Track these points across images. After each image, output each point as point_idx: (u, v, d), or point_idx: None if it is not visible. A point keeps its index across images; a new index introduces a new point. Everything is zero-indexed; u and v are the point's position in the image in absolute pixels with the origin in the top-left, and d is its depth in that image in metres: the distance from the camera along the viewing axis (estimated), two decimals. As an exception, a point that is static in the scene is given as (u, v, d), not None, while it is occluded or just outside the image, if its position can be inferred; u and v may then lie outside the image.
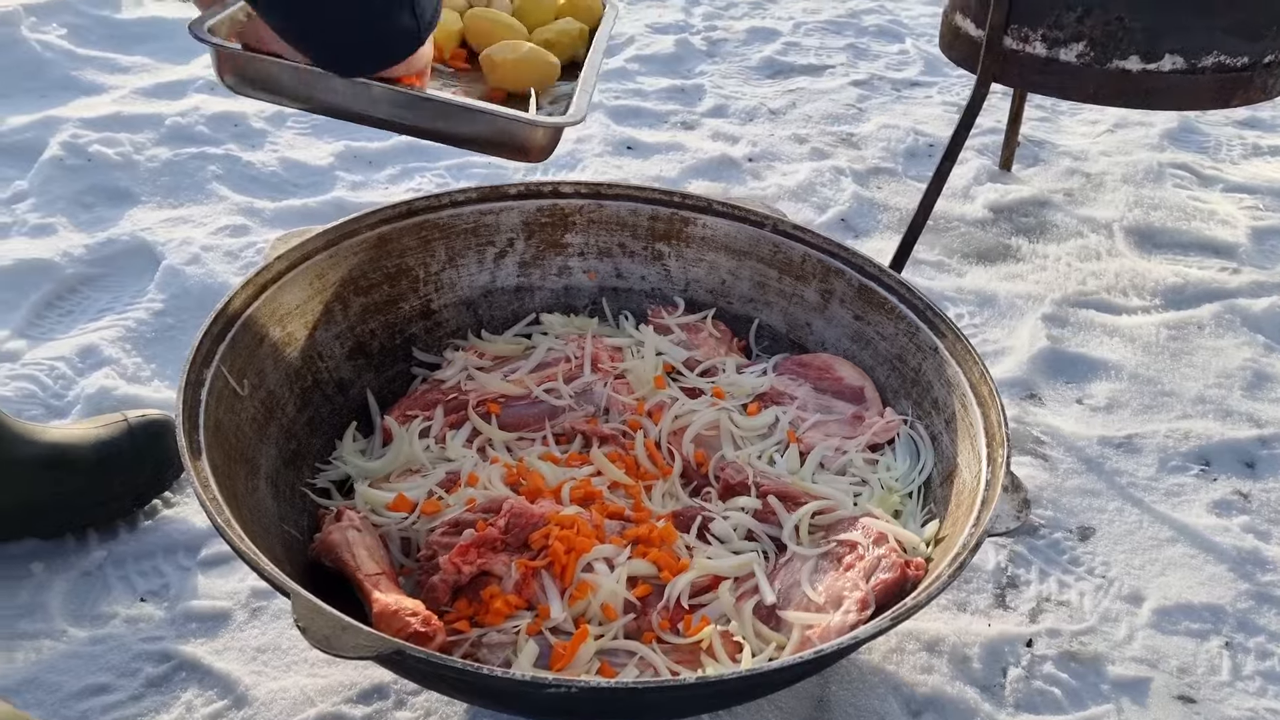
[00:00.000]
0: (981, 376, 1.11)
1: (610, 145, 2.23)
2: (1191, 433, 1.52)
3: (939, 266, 1.89)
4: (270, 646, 1.12)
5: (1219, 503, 1.41)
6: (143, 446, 1.26)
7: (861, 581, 0.98)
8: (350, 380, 1.24)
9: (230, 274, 1.68)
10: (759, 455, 1.19)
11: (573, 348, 1.30)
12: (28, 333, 1.55)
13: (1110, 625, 1.22)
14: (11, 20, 2.35)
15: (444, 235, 1.32)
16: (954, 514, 1.05)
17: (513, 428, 1.21)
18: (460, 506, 1.05)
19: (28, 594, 1.16)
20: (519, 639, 0.94)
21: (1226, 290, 1.84)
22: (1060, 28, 1.56)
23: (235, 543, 0.84)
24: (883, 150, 2.30)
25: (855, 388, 1.26)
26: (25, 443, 1.20)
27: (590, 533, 1.02)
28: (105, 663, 1.09)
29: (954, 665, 1.15)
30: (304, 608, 0.78)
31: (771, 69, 2.72)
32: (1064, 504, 1.39)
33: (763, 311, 1.37)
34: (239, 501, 0.96)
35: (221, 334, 1.06)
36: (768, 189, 2.10)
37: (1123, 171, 2.24)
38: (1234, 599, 1.26)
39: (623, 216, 1.38)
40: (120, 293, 1.66)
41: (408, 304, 1.31)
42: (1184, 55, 1.53)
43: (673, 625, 0.99)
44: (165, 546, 1.23)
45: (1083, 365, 1.65)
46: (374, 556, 0.98)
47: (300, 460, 1.14)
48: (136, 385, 1.45)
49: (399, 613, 0.88)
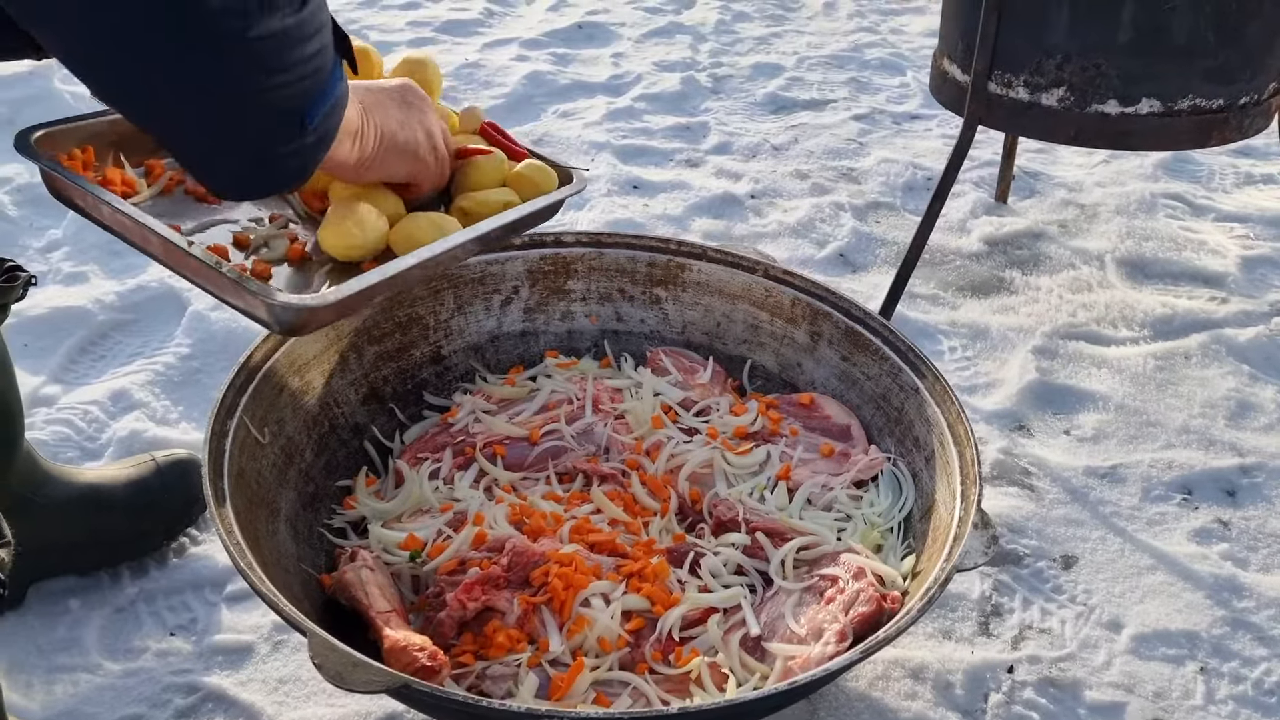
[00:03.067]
0: (958, 416, 1.18)
1: (617, 185, 2.31)
2: (1175, 462, 1.57)
3: (933, 300, 1.96)
4: (291, 678, 1.19)
5: (1199, 531, 1.46)
6: (171, 484, 1.34)
7: (841, 614, 1.04)
8: (364, 425, 1.32)
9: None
10: (750, 492, 1.25)
11: (575, 389, 1.37)
12: (62, 378, 1.64)
13: (1089, 651, 1.28)
14: (45, 73, 2.46)
15: (452, 284, 1.40)
16: (930, 549, 1.11)
17: (517, 468, 1.29)
18: (466, 544, 1.12)
19: (65, 629, 1.24)
20: (520, 671, 1.01)
21: (1214, 320, 1.90)
22: (1041, 74, 1.62)
23: (256, 585, 0.91)
24: (882, 184, 2.37)
25: (842, 426, 1.33)
26: (63, 484, 1.28)
27: (587, 570, 1.09)
28: (138, 694, 1.17)
29: (937, 691, 1.21)
30: (319, 645, 0.85)
31: (775, 105, 2.80)
32: (1048, 533, 1.44)
33: (756, 352, 1.44)
34: (260, 543, 1.03)
35: (244, 385, 1.14)
36: (769, 226, 2.18)
37: (1116, 202, 2.30)
38: (1210, 625, 1.32)
39: (622, 263, 1.46)
40: (149, 338, 1.75)
41: (418, 350, 1.39)
42: (1160, 99, 1.60)
43: (664, 657, 1.06)
44: (193, 583, 1.31)
45: (1071, 397, 1.71)
46: (385, 594, 1.06)
47: (318, 502, 1.22)
48: (165, 427, 1.53)
49: (408, 648, 0.95)
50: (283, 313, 0.93)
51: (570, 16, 3.30)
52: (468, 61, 2.91)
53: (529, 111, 2.67)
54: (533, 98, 2.74)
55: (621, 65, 2.97)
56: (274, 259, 1.07)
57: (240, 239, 1.09)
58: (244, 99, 0.76)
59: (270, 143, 0.81)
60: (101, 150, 1.10)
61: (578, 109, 2.69)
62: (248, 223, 1.12)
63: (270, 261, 1.06)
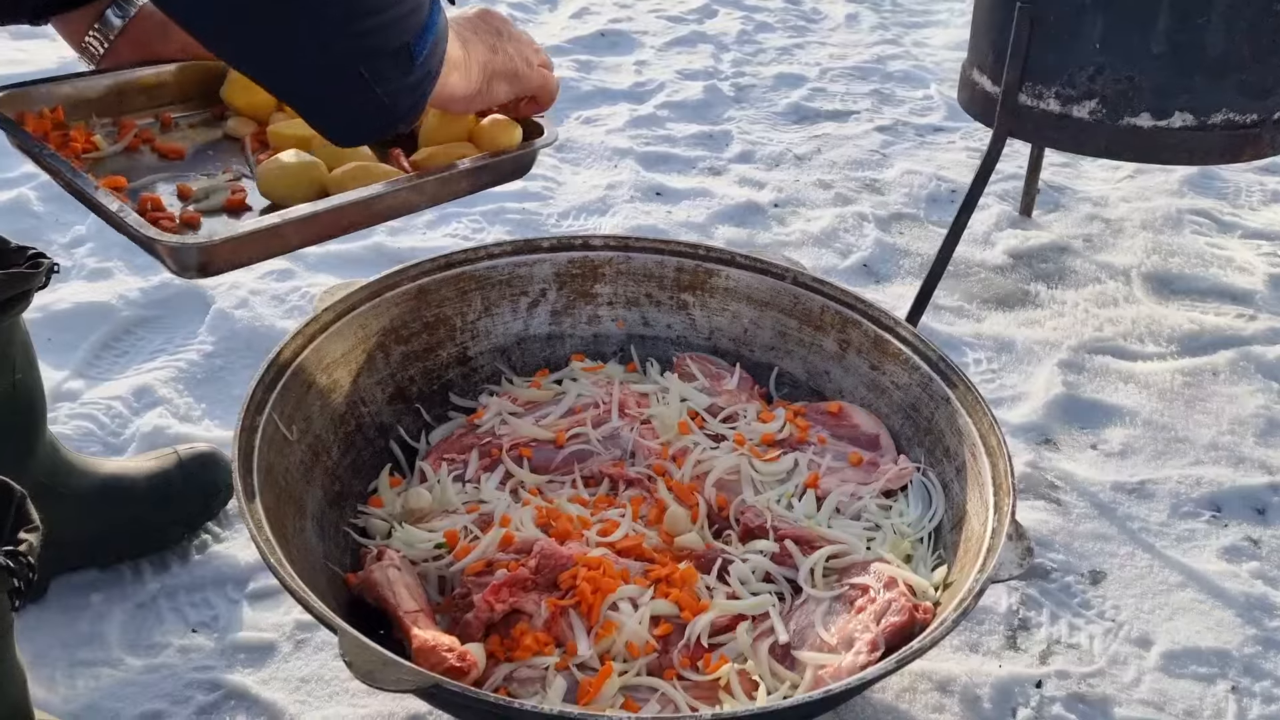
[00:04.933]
0: (991, 427, 1.17)
1: (640, 191, 2.30)
2: (1204, 479, 1.55)
3: (958, 312, 1.95)
4: (314, 677, 1.19)
5: (1229, 549, 1.44)
6: (192, 477, 1.34)
7: (872, 624, 1.03)
8: (390, 424, 1.31)
9: (276, 317, 1.77)
10: (777, 499, 1.24)
11: (601, 393, 1.36)
12: (86, 373, 1.64)
13: (1119, 668, 1.26)
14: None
15: (480, 286, 1.39)
16: (962, 560, 1.10)
17: (543, 471, 1.28)
18: (493, 546, 1.12)
19: (87, 624, 1.23)
20: (548, 674, 1.00)
21: (1242, 337, 1.88)
22: (1073, 86, 1.62)
23: (287, 581, 0.91)
24: (905, 196, 2.36)
25: (871, 435, 1.32)
26: (84, 475, 1.28)
27: (616, 574, 1.08)
28: (159, 690, 1.16)
29: (965, 705, 1.20)
30: (350, 644, 0.85)
31: (797, 115, 2.79)
32: (1076, 548, 1.43)
33: (783, 360, 1.43)
34: (288, 541, 1.03)
35: (273, 382, 1.14)
36: (792, 235, 2.17)
37: (1142, 218, 2.29)
38: (1241, 644, 1.30)
39: (649, 268, 1.45)
40: (173, 335, 1.74)
41: (445, 351, 1.38)
42: (1194, 112, 1.59)
43: (693, 663, 1.05)
44: (215, 580, 1.30)
45: (1098, 411, 1.69)
46: (413, 594, 1.05)
47: (343, 501, 1.21)
48: (188, 424, 1.53)
49: (436, 648, 0.94)
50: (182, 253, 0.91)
51: (593, 24, 3.30)
52: (491, 67, 2.91)
53: (552, 117, 2.66)
54: (556, 104, 2.73)
55: (644, 73, 2.97)
56: (211, 209, 1.06)
57: (183, 190, 1.08)
58: (350, 39, 0.78)
59: (381, 81, 0.82)
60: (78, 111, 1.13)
61: (600, 115, 2.69)
62: (199, 177, 1.12)
63: (206, 212, 1.05)
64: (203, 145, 1.17)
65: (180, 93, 1.21)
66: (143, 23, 1.16)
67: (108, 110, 1.16)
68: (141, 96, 1.18)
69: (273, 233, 0.96)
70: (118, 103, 1.16)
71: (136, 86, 1.18)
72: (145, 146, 1.15)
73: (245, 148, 1.16)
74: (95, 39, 1.15)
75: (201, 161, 1.14)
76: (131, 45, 1.16)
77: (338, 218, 1.01)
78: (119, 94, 1.17)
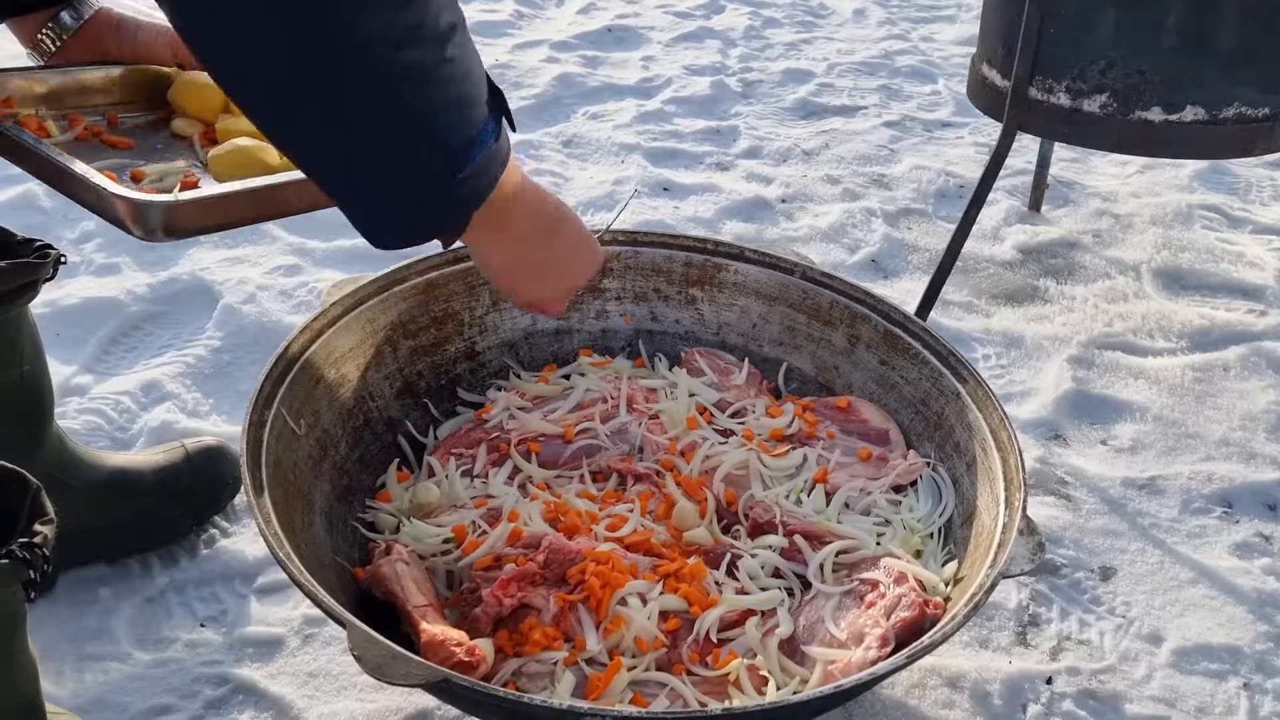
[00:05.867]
0: (1001, 422, 1.16)
1: (647, 186, 2.30)
2: (1215, 475, 1.54)
3: (967, 307, 1.94)
4: (321, 672, 1.18)
5: (1240, 545, 1.43)
6: (199, 470, 1.34)
7: (882, 619, 1.02)
8: (398, 419, 1.31)
9: (284, 313, 1.77)
10: (787, 495, 1.24)
11: (609, 388, 1.36)
12: (94, 368, 1.64)
13: (1129, 664, 1.26)
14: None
15: (487, 281, 1.39)
16: (973, 555, 1.10)
17: (552, 465, 1.27)
18: (501, 541, 1.11)
19: (95, 618, 1.23)
20: (557, 669, 1.00)
21: (1253, 333, 1.87)
22: (1084, 79, 1.61)
23: (296, 576, 0.90)
24: (913, 191, 2.35)
25: (880, 430, 1.31)
26: (90, 468, 1.28)
27: (624, 569, 1.08)
28: (168, 685, 1.16)
29: (975, 701, 1.19)
30: (359, 638, 0.84)
31: (805, 110, 2.78)
32: (1086, 544, 1.42)
33: (792, 355, 1.43)
34: (296, 535, 1.02)
35: (281, 376, 1.14)
36: (800, 230, 2.16)
37: (1152, 213, 2.28)
38: (1253, 640, 1.29)
39: (658, 263, 1.45)
40: (181, 330, 1.74)
41: (453, 346, 1.38)
42: (1205, 106, 1.58)
43: (702, 658, 1.04)
44: (223, 574, 1.30)
45: (1108, 407, 1.68)
46: (421, 589, 1.04)
47: (351, 495, 1.21)
48: (196, 420, 1.53)
49: (445, 643, 0.94)
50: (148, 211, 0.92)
51: (600, 19, 3.30)
52: (498, 62, 2.91)
53: (559, 113, 2.67)
54: (562, 99, 2.74)
55: (651, 68, 2.96)
56: (163, 190, 1.05)
57: (136, 174, 1.09)
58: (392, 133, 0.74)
59: (419, 182, 0.78)
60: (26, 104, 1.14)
61: (608, 111, 2.69)
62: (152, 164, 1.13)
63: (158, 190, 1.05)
64: (151, 142, 1.19)
65: (128, 94, 1.23)
66: (97, 25, 1.18)
67: (56, 105, 1.18)
68: (90, 94, 1.20)
69: (237, 198, 0.96)
70: (66, 98, 1.18)
71: (86, 84, 1.19)
72: (95, 139, 1.16)
73: (194, 143, 1.18)
74: (48, 37, 1.17)
75: (150, 154, 1.16)
76: (83, 46, 1.18)
77: (307, 189, 0.99)
78: (68, 90, 1.19)
